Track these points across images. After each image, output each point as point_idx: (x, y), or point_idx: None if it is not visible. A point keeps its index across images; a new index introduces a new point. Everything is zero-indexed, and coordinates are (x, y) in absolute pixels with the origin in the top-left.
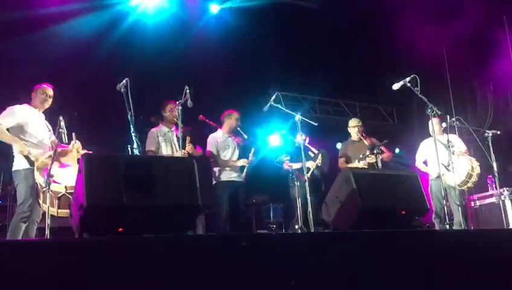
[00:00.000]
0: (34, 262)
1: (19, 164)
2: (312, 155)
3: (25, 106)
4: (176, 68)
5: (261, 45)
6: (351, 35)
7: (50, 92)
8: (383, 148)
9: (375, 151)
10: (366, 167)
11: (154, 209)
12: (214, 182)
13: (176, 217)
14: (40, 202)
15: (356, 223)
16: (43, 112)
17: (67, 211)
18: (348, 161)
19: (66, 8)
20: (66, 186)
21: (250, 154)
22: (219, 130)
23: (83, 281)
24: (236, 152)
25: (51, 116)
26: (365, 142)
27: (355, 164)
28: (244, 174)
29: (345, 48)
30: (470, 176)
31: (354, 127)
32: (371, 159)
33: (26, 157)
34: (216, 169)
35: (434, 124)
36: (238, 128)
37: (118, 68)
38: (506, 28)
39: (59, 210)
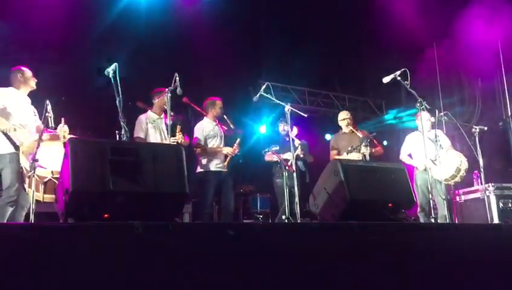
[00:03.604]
0: (17, 246)
1: (4, 148)
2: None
3: (10, 89)
4: (166, 55)
5: (252, 35)
6: (342, 27)
7: (27, 73)
8: (375, 141)
9: (364, 144)
10: (359, 158)
11: (140, 196)
12: (200, 170)
13: (163, 205)
14: (26, 186)
15: (343, 214)
16: (28, 96)
17: (53, 196)
18: (339, 153)
19: None
20: (52, 171)
21: (236, 145)
22: (205, 118)
23: (66, 266)
24: (223, 141)
25: (38, 100)
26: (358, 134)
27: (344, 156)
28: (226, 163)
29: (336, 40)
30: (458, 170)
31: (343, 120)
32: (364, 150)
33: (11, 140)
34: (203, 158)
35: (423, 118)
36: (225, 117)
37: (107, 53)
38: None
39: (45, 195)
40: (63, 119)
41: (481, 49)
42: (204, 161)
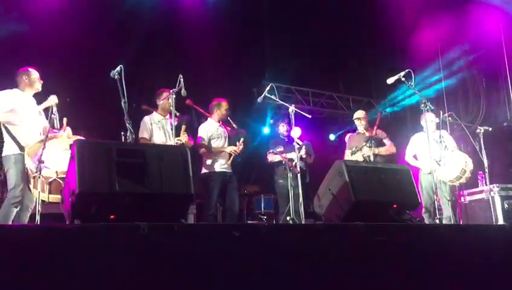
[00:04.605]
0: (24, 247)
1: (9, 149)
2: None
3: (15, 90)
4: (169, 57)
5: (256, 36)
6: (346, 28)
7: (33, 75)
8: (386, 141)
9: (367, 145)
10: (362, 159)
11: (146, 198)
12: (205, 171)
13: (168, 206)
14: (31, 187)
15: (348, 216)
16: (33, 96)
17: (58, 196)
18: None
19: None
20: (56, 172)
21: (239, 143)
22: (209, 119)
23: (72, 267)
24: (227, 141)
25: (43, 101)
26: (366, 134)
27: (349, 157)
28: (229, 161)
29: (340, 41)
30: (463, 171)
31: (357, 119)
32: (366, 151)
33: (16, 141)
34: (208, 158)
35: (428, 119)
36: (228, 118)
37: (112, 54)
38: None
39: (50, 195)
40: (64, 120)
41: (485, 49)
42: (208, 162)
